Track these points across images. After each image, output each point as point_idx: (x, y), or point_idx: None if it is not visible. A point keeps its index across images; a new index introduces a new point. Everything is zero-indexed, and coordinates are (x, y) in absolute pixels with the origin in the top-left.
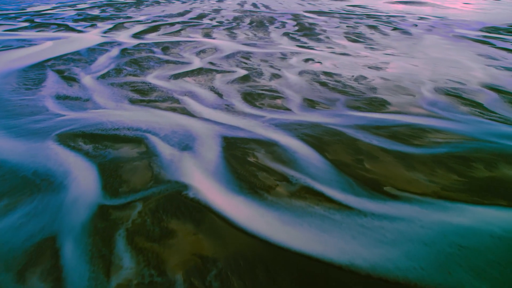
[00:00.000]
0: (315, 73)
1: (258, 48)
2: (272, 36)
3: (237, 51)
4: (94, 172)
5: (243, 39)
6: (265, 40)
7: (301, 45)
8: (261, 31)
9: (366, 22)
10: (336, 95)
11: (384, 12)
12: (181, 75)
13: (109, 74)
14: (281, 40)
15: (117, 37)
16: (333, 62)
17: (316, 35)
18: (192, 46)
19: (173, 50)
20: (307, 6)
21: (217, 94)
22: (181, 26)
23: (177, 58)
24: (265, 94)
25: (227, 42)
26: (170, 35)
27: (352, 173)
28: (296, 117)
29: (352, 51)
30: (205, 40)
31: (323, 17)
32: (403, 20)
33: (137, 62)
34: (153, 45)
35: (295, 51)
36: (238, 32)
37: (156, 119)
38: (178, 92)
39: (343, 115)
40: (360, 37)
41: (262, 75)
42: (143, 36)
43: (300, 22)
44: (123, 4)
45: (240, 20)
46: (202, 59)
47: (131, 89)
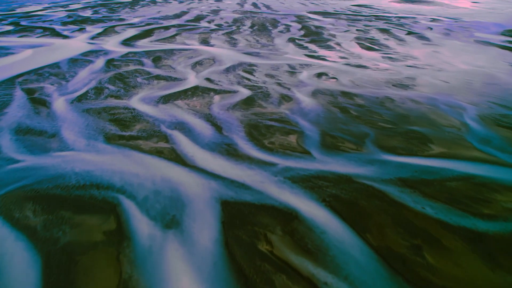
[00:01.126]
0: (331, 93)
1: (261, 58)
2: (277, 42)
3: (238, 62)
4: (36, 272)
5: (245, 46)
6: (269, 48)
7: (310, 54)
8: (263, 36)
9: (377, 25)
10: (363, 127)
11: (393, 13)
12: (173, 96)
13: (87, 95)
14: (287, 47)
15: (105, 44)
16: (350, 78)
17: (325, 41)
18: (187, 56)
19: (166, 62)
20: (310, 6)
21: (215, 127)
22: (177, 30)
23: (169, 73)
24: (274, 126)
25: (226, 51)
26: (163, 42)
27: (413, 277)
28: (317, 165)
29: (369, 62)
30: (202, 48)
31: (329, 19)
32: (415, 22)
33: (122, 78)
34: (143, 55)
35: (304, 62)
36: (238, 37)
37: (135, 169)
38: (167, 123)
39: (377, 161)
40: (374, 43)
41: (269, 96)
42: (134, 43)
43: (306, 25)
44: (117, 4)
45: (240, 22)
46: (198, 74)
47: (110, 118)
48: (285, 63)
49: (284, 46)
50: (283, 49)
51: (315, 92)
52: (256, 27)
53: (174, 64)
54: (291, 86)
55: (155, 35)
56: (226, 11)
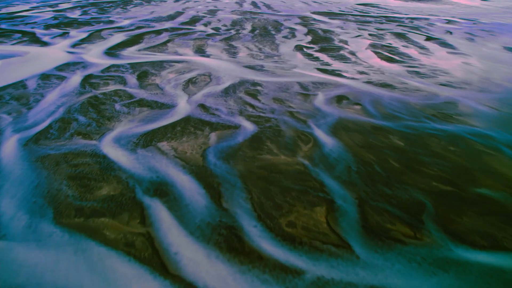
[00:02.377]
0: (359, 128)
1: (266, 74)
2: (282, 51)
3: (239, 79)
4: None
5: (246, 56)
6: (273, 59)
7: (323, 68)
8: (266, 42)
9: (390, 28)
10: (413, 190)
11: (403, 14)
12: (157, 134)
13: (49, 132)
14: (295, 58)
15: (86, 53)
16: (378, 104)
17: (337, 50)
18: (179, 71)
19: (153, 79)
20: (313, 6)
21: (211, 191)
22: (169, 35)
23: (155, 96)
24: (293, 191)
25: (225, 63)
26: (153, 51)
27: None
28: (363, 273)
29: (395, 80)
30: (196, 59)
31: (336, 21)
32: (429, 24)
33: (97, 105)
34: (128, 69)
35: (318, 79)
36: (238, 44)
37: (89, 283)
38: (145, 184)
39: (448, 262)
40: (393, 52)
41: (281, 134)
42: (119, 53)
43: (312, 29)
44: (109, 4)
45: (239, 25)
46: (190, 97)
47: (70, 173)
48: (295, 80)
49: (291, 57)
50: (291, 61)
51: (338, 127)
52: (257, 31)
53: (162, 83)
54: (306, 117)
55: (145, 41)
56: (224, 12)
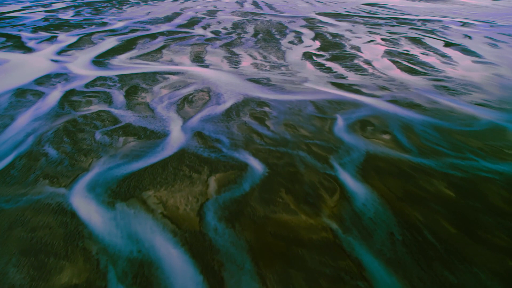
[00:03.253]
0: (396, 171)
1: (274, 90)
2: (289, 59)
3: (243, 97)
4: None
5: (249, 67)
6: (281, 70)
7: (338, 81)
8: (271, 49)
9: (403, 32)
10: (493, 286)
11: (414, 15)
12: (142, 180)
13: (7, 176)
14: (305, 69)
15: (72, 62)
16: (412, 134)
17: (350, 58)
18: (174, 86)
19: (143, 96)
20: (318, 6)
21: (210, 285)
22: (165, 40)
23: (144, 120)
24: (325, 278)
25: (226, 75)
26: (146, 59)
27: None
28: None
29: (423, 98)
30: (194, 69)
31: (343, 23)
32: (444, 27)
33: (74, 133)
34: (116, 83)
35: (333, 96)
36: (240, 51)
37: None
38: (120, 270)
39: None
40: (413, 61)
41: (298, 180)
42: (108, 61)
43: (319, 33)
44: (104, 4)
45: (241, 28)
46: (186, 123)
47: (24, 245)
48: (308, 99)
49: (300, 67)
50: (300, 72)
51: (368, 167)
52: (260, 35)
53: (154, 102)
54: (327, 152)
55: (138, 47)
56: (224, 12)
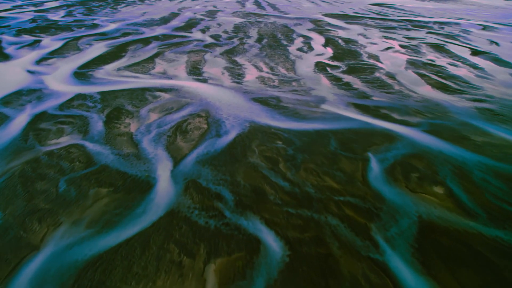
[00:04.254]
0: (467, 254)
1: (286, 115)
2: (301, 71)
3: (248, 125)
4: None
5: (255, 81)
6: (292, 86)
7: (361, 103)
8: (279, 58)
9: (421, 37)
10: None
11: (427, 17)
12: (111, 269)
13: None
14: (320, 85)
15: (50, 74)
16: (473, 187)
17: (370, 70)
18: (165, 108)
19: (126, 124)
20: (323, 6)
21: None
22: (159, 45)
23: (125, 160)
24: None
25: (228, 93)
26: (135, 70)
27: None
28: None
29: (469, 127)
30: (190, 85)
31: (354, 26)
32: (463, 31)
33: (31, 184)
34: (97, 103)
35: (359, 124)
36: (244, 61)
37: None
38: None
39: None
40: (443, 75)
41: (334, 273)
42: (92, 73)
43: (330, 38)
44: (99, 3)
45: (243, 32)
46: (177, 166)
47: None
48: (329, 128)
49: (314, 82)
50: (315, 89)
51: (426, 248)
52: (265, 40)
53: (139, 132)
54: (366, 219)
55: (128, 55)
56: (225, 13)
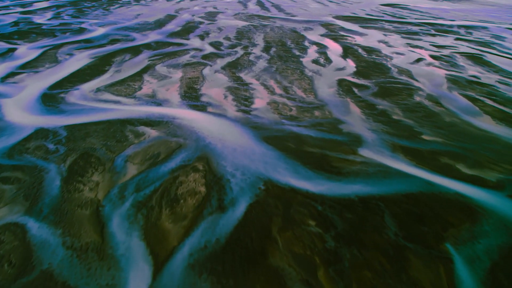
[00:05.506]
0: None
1: (314, 167)
2: (322, 94)
3: (264, 188)
4: None
5: (266, 109)
6: (314, 117)
7: (412, 146)
8: (293, 74)
9: (452, 45)
10: None
11: (448, 19)
12: None
13: None
14: (349, 115)
15: (13, 96)
16: None
17: (407, 92)
18: (149, 156)
19: (92, 184)
20: (331, 7)
21: None
22: (150, 57)
23: (78, 263)
24: None
25: (232, 130)
26: (118, 91)
27: None
28: None
29: None
30: (184, 115)
31: (371, 31)
32: (494, 36)
33: None
34: (59, 146)
35: (417, 184)
36: (250, 78)
37: None
38: None
39: None
40: (500, 100)
41: None
42: (64, 96)
43: (348, 46)
44: (92, 3)
45: (248, 38)
46: (156, 281)
47: None
48: (377, 193)
49: (341, 110)
50: (346, 123)
51: None
52: (273, 49)
53: (108, 201)
54: None
55: (112, 69)
56: (226, 15)
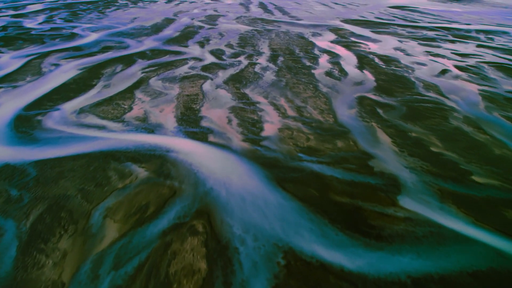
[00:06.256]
0: None
1: (342, 223)
2: (342, 117)
3: (282, 255)
4: None
5: (278, 137)
6: (335, 146)
7: (458, 189)
8: (306, 90)
9: (475, 53)
10: None
11: (463, 23)
12: None
13: None
14: (378, 145)
15: None
16: None
17: (441, 114)
18: (134, 210)
19: (55, 251)
20: (337, 10)
21: None
22: (143, 68)
23: None
24: None
25: (239, 169)
26: (104, 113)
27: None
28: None
29: None
30: (179, 148)
31: (384, 36)
32: None
33: None
34: (24, 195)
35: (485, 256)
36: (258, 97)
37: None
38: None
39: None
40: None
41: None
42: (41, 120)
43: (363, 54)
44: (88, 5)
45: (252, 46)
46: None
47: None
48: (429, 269)
49: (369, 140)
50: (376, 158)
51: None
52: (280, 58)
53: (76, 282)
54: None
55: (101, 83)
56: (227, 19)
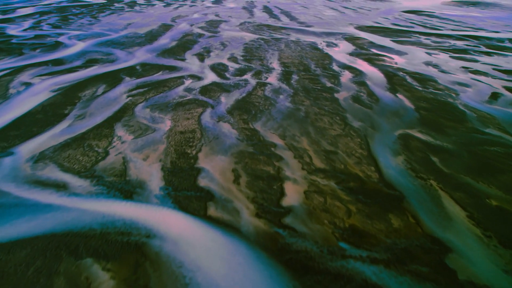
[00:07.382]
0: None
1: None
2: (386, 170)
3: None
4: None
5: (307, 211)
6: (385, 223)
7: None
8: (332, 126)
9: None
10: None
11: (490, 31)
12: None
13: None
14: (447, 226)
15: None
16: None
17: None
18: None
19: None
20: (348, 14)
21: None
22: (130, 90)
23: None
24: None
25: (259, 280)
26: (70, 162)
27: None
28: None
29: None
30: (166, 227)
31: (408, 47)
32: None
33: None
34: None
35: None
36: (272, 135)
37: None
38: None
39: None
40: None
41: None
42: None
43: (389, 70)
44: (82, 9)
45: (259, 59)
46: None
47: None
48: None
49: (432, 216)
50: (448, 243)
51: None
52: (295, 77)
53: None
54: None
55: (75, 112)
56: (230, 25)
